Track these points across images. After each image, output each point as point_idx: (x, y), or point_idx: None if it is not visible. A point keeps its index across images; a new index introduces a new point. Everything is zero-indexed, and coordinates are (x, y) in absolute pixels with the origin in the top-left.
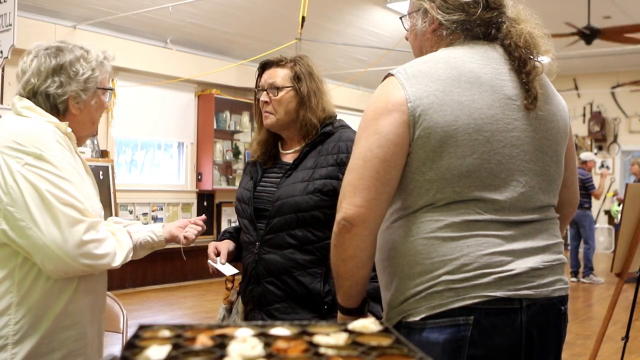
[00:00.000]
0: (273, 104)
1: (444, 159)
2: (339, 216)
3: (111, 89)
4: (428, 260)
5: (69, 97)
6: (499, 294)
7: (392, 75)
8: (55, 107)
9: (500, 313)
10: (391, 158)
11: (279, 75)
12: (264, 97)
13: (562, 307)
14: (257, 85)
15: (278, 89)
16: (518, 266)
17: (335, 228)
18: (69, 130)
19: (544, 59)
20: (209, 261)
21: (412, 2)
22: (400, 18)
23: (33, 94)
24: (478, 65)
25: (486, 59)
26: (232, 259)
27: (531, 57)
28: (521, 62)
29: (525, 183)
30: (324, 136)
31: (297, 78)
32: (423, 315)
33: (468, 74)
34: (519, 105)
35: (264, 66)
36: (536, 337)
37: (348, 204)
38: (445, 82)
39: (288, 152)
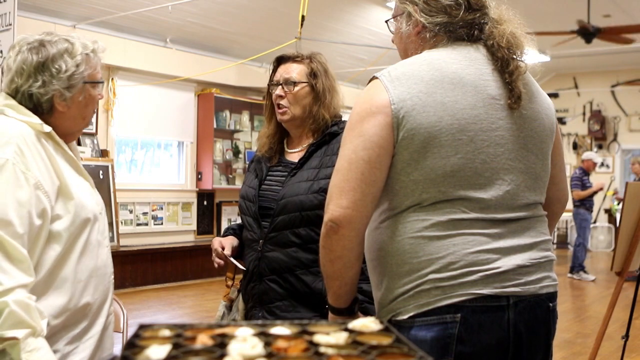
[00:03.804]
0: (288, 98)
1: (428, 160)
2: (326, 218)
3: (101, 82)
4: (415, 260)
5: (53, 96)
6: (485, 291)
7: (376, 78)
8: (40, 106)
9: (487, 310)
10: (376, 160)
11: (295, 71)
12: (279, 91)
13: (551, 304)
14: (271, 80)
15: (294, 83)
16: (505, 264)
17: (322, 230)
18: (47, 129)
19: (528, 58)
20: (215, 257)
21: (397, 6)
22: (386, 21)
23: (15, 93)
24: (461, 66)
25: (469, 59)
26: (235, 255)
27: (514, 57)
28: (504, 62)
29: (511, 181)
30: (330, 136)
31: (313, 74)
32: (411, 314)
33: (451, 75)
34: (503, 105)
35: (280, 61)
36: (524, 334)
37: (335, 206)
38: (429, 83)
39: (293, 151)
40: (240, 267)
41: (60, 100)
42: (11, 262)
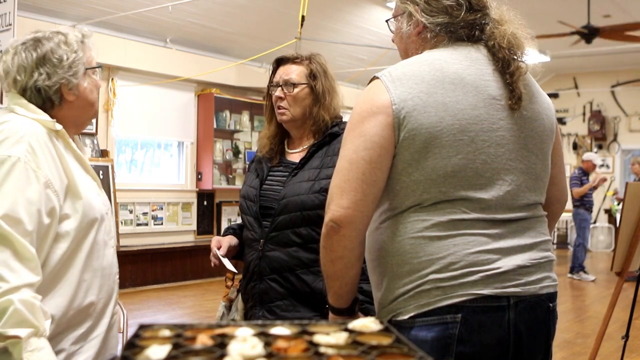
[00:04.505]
0: (288, 100)
1: (429, 160)
2: (327, 218)
3: (100, 67)
4: (416, 260)
5: (60, 86)
6: (485, 291)
7: (377, 78)
8: (50, 100)
9: (488, 311)
10: (377, 160)
11: (295, 72)
12: (278, 92)
13: (551, 304)
14: (270, 81)
15: (294, 85)
16: (505, 264)
17: (323, 230)
18: (59, 127)
19: (529, 59)
20: (212, 256)
21: (397, 6)
22: (387, 21)
23: (23, 91)
24: (462, 67)
25: (470, 60)
26: (234, 254)
27: (515, 57)
28: (505, 63)
29: (511, 181)
30: (331, 137)
31: (312, 76)
32: (412, 314)
33: (452, 75)
34: (504, 105)
35: (279, 62)
36: (524, 334)
37: (335, 206)
38: (430, 83)
39: (294, 151)
40: (229, 267)
41: (67, 90)
42: (19, 261)
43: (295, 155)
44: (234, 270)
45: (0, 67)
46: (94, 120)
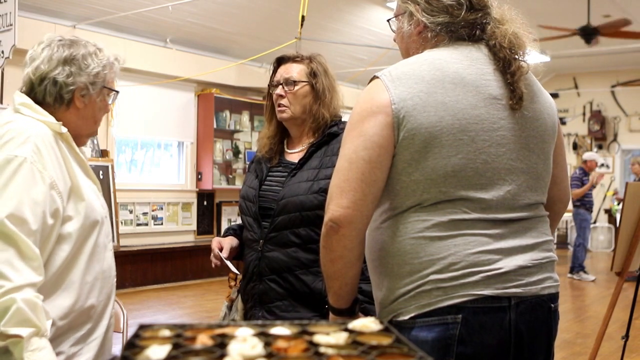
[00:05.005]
0: (288, 98)
1: (429, 160)
2: (326, 217)
3: (117, 92)
4: (416, 260)
5: (76, 89)
6: (486, 292)
7: (377, 77)
8: (61, 97)
9: (489, 311)
10: (376, 160)
11: (295, 70)
12: (279, 90)
13: (552, 305)
14: (271, 80)
15: (294, 82)
16: (506, 264)
17: (323, 229)
18: (64, 130)
19: (530, 58)
20: (213, 256)
21: (398, 5)
22: (388, 20)
23: (41, 80)
24: (462, 66)
25: (470, 59)
26: (235, 255)
27: (516, 57)
28: (506, 63)
29: (512, 181)
30: (330, 137)
31: (313, 74)
32: (412, 314)
33: (452, 75)
34: (504, 105)
35: (280, 61)
36: (525, 335)
37: (335, 206)
38: (429, 83)
39: (293, 151)
40: (233, 269)
41: (79, 95)
42: (23, 260)
43: (294, 156)
44: (236, 271)
45: (29, 53)
46: None
